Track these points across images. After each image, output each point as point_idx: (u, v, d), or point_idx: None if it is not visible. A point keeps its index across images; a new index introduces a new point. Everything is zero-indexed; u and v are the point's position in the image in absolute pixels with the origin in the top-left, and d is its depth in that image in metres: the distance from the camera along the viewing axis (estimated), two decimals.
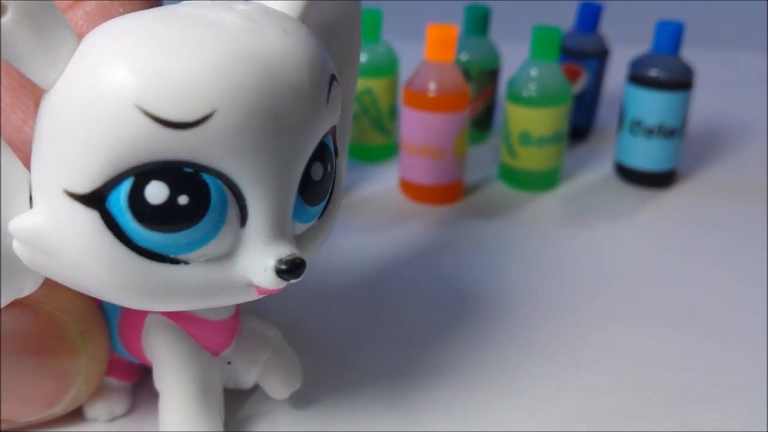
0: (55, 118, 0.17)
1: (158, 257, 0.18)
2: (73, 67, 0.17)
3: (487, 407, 0.27)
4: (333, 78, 0.19)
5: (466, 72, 0.49)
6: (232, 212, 0.18)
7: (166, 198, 0.17)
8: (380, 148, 0.49)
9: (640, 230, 0.41)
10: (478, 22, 0.50)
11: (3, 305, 0.18)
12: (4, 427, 0.24)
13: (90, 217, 0.17)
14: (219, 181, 0.17)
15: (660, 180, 0.46)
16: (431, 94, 0.40)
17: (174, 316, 0.23)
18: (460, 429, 0.26)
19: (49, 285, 0.20)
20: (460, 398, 0.27)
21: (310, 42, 0.18)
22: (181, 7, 0.18)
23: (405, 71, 0.47)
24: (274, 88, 0.17)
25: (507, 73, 0.49)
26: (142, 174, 0.17)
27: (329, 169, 0.20)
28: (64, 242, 0.17)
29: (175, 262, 0.18)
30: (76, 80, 0.16)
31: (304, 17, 0.20)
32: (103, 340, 0.24)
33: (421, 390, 0.28)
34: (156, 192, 0.17)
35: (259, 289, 0.19)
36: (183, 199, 0.17)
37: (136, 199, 0.17)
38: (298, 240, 0.20)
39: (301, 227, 0.20)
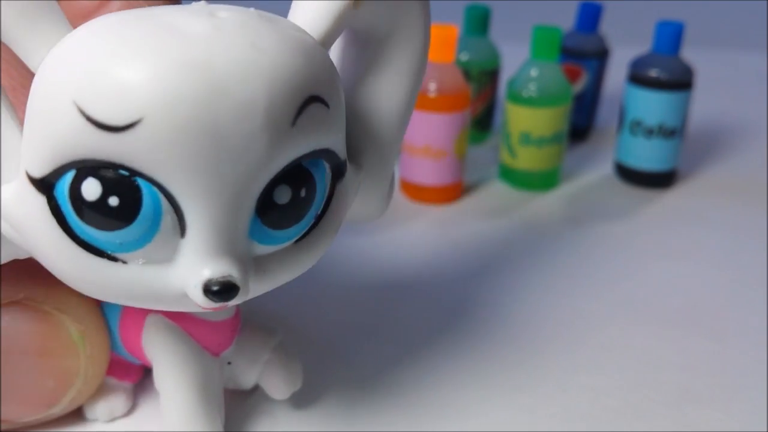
0: (28, 104, 0.17)
1: (96, 251, 0.18)
2: (45, 58, 0.17)
3: (486, 407, 0.27)
4: (311, 99, 0.18)
5: (467, 72, 0.49)
6: (169, 221, 0.17)
7: (98, 196, 0.17)
8: None
9: (640, 230, 0.41)
10: (479, 22, 0.50)
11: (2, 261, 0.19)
12: (3, 427, 0.24)
13: (40, 201, 0.17)
14: (154, 188, 0.17)
15: (660, 180, 0.46)
16: (432, 95, 0.40)
17: (174, 316, 0.23)
18: (460, 429, 0.26)
19: (49, 285, 0.21)
20: (460, 398, 0.27)
21: (282, 60, 0.17)
22: (160, 10, 0.18)
23: None
24: (216, 103, 0.16)
25: (507, 73, 0.49)
26: (82, 169, 0.17)
27: (304, 193, 0.19)
28: (23, 220, 0.18)
29: (113, 259, 0.18)
30: (41, 70, 0.17)
31: (338, 26, 0.19)
32: (103, 340, 0.24)
33: (421, 390, 0.28)
34: (90, 189, 0.17)
35: (196, 303, 0.19)
36: (113, 200, 0.17)
37: (75, 192, 0.17)
38: (261, 261, 0.19)
39: (264, 248, 0.19)
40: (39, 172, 0.17)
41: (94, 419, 0.25)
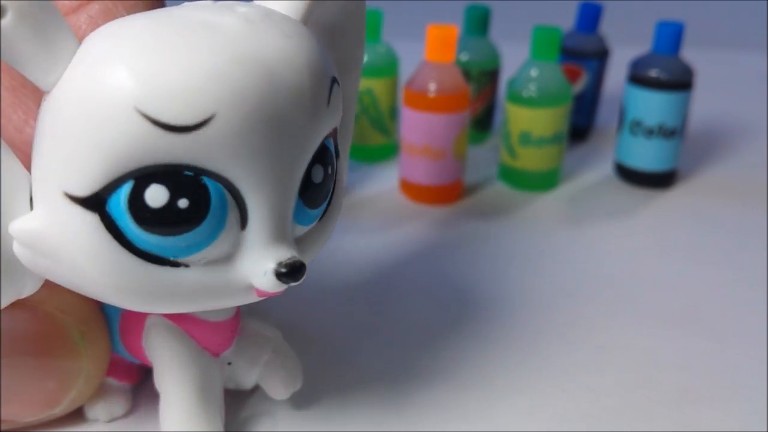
0: (55, 120, 0.17)
1: (158, 260, 0.18)
2: (72, 70, 0.17)
3: (487, 407, 0.27)
4: (334, 80, 0.19)
5: (466, 72, 0.49)
6: (232, 215, 0.18)
7: (166, 201, 0.17)
8: (380, 148, 0.49)
9: (640, 230, 0.41)
10: (478, 23, 0.50)
11: (3, 306, 0.18)
12: (4, 427, 0.24)
13: (90, 219, 0.17)
14: (219, 185, 0.17)
15: (660, 180, 0.46)
16: (431, 95, 0.40)
17: (174, 317, 0.23)
18: (460, 429, 0.26)
19: (50, 286, 0.20)
20: (460, 398, 0.27)
21: (310, 45, 0.18)
22: (180, 9, 0.18)
23: (405, 71, 0.47)
24: (275, 91, 0.17)
25: (507, 73, 0.49)
26: (142, 177, 0.17)
27: (330, 171, 0.20)
28: (63, 245, 0.17)
29: (175, 264, 0.18)
30: (76, 83, 0.16)
31: (307, 19, 0.20)
32: (104, 341, 0.24)
33: (421, 390, 0.28)
34: (156, 195, 0.17)
35: (259, 292, 0.19)
36: (183, 203, 0.17)
37: (136, 202, 0.17)
38: (299, 242, 0.20)
39: (301, 230, 0.20)
40: (87, 190, 0.17)
41: (95, 419, 0.25)
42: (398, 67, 0.48)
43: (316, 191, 0.19)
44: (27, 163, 0.18)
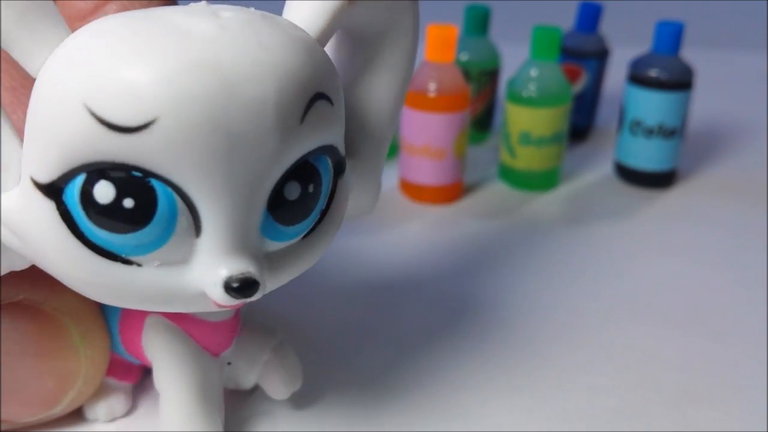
0: (30, 108, 0.17)
1: (109, 255, 0.18)
2: (48, 60, 0.17)
3: (486, 407, 0.27)
4: (317, 97, 0.18)
5: (466, 72, 0.49)
6: (184, 221, 0.17)
7: (113, 199, 0.17)
8: None
9: (639, 230, 0.41)
10: (478, 22, 0.50)
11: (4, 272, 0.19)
12: (4, 427, 0.24)
13: (48, 207, 0.17)
14: (169, 189, 0.17)
15: (660, 180, 0.46)
16: (431, 95, 0.40)
17: (174, 316, 0.23)
18: (460, 429, 0.26)
19: (50, 286, 0.20)
20: (460, 398, 0.27)
21: (290, 59, 0.18)
22: (163, 10, 0.18)
23: None
24: (228, 102, 0.16)
25: (507, 73, 0.49)
26: (93, 172, 0.17)
27: (312, 189, 0.19)
28: (28, 227, 0.18)
29: (127, 262, 0.18)
30: (45, 73, 0.17)
31: (337, 20, 0.19)
32: (104, 341, 0.24)
33: (420, 390, 0.28)
34: (103, 191, 0.17)
35: (215, 302, 0.19)
36: (128, 202, 0.17)
37: (86, 196, 0.17)
38: (272, 257, 0.19)
39: (275, 245, 0.19)
40: (46, 177, 0.17)
41: (95, 419, 0.25)
42: None
43: (290, 208, 0.19)
44: None
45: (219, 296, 0.18)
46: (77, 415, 0.25)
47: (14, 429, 0.24)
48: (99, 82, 0.16)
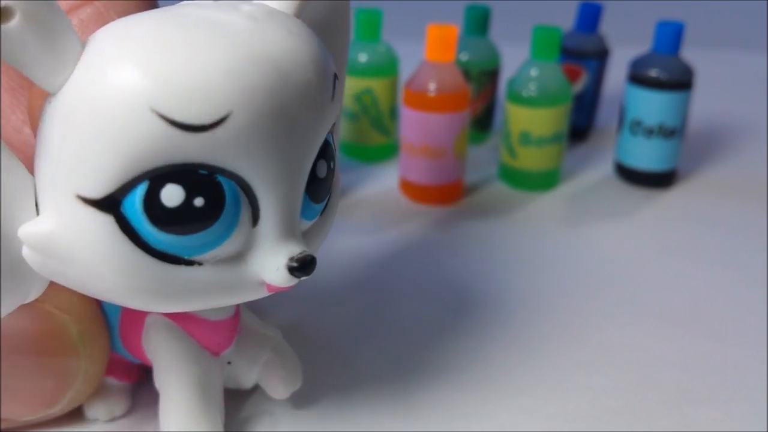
0: (65, 123, 0.16)
1: (173, 259, 0.18)
2: (82, 71, 0.16)
3: (486, 407, 0.27)
4: (335, 75, 0.20)
5: (466, 72, 0.49)
6: (245, 213, 0.18)
7: (182, 200, 0.17)
8: (380, 148, 0.49)
9: (640, 230, 0.41)
10: (478, 22, 0.50)
11: (8, 312, 0.18)
12: (3, 426, 0.24)
13: (104, 221, 0.17)
14: (233, 183, 0.17)
15: (660, 180, 0.46)
16: (431, 94, 0.40)
17: (174, 316, 0.23)
18: (460, 429, 0.26)
19: (50, 285, 0.20)
20: (460, 398, 0.27)
21: (314, 42, 0.19)
22: (183, 8, 0.18)
23: (405, 71, 0.47)
24: (284, 88, 0.17)
25: (507, 73, 0.49)
26: (158, 177, 0.17)
27: (332, 166, 0.20)
28: (77, 248, 0.17)
29: (189, 263, 0.18)
30: (87, 84, 0.16)
31: (299, 16, 0.20)
32: (103, 340, 0.24)
33: (420, 390, 0.28)
34: (172, 195, 0.17)
35: (270, 287, 0.19)
36: (199, 201, 0.17)
37: (152, 202, 0.17)
38: (305, 237, 0.20)
39: (306, 224, 0.20)
40: (101, 192, 0.17)
41: (94, 419, 0.25)
42: (398, 66, 0.48)
43: (320, 186, 0.20)
44: (27, 164, 0.18)
45: (282, 279, 0.19)
46: (77, 414, 0.25)
47: (13, 428, 0.24)
48: (164, 84, 0.16)
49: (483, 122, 0.52)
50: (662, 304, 0.34)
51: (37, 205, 0.18)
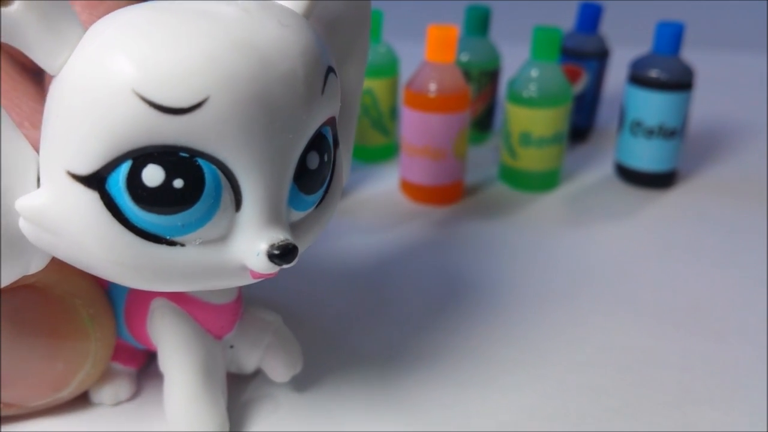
0: (60, 103, 0.17)
1: (155, 238, 0.18)
2: (77, 55, 0.17)
3: (487, 407, 0.27)
4: (330, 70, 0.20)
5: (467, 72, 0.49)
6: (227, 197, 0.18)
7: (162, 181, 0.17)
8: (380, 148, 0.49)
9: (640, 231, 0.41)
10: (479, 23, 0.50)
11: (9, 282, 0.19)
12: (12, 411, 0.24)
13: (90, 197, 0.17)
14: (213, 166, 0.18)
15: (660, 180, 0.46)
16: (432, 95, 0.40)
17: (178, 299, 0.24)
18: (460, 429, 0.26)
19: (60, 269, 0.21)
20: (460, 397, 0.27)
21: (306, 34, 0.19)
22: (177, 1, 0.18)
23: (405, 72, 0.47)
24: (267, 77, 0.17)
25: (507, 73, 0.49)
26: (140, 157, 0.17)
27: (326, 158, 0.20)
28: (66, 221, 0.18)
29: (171, 243, 0.18)
30: (79, 67, 0.17)
31: (309, 13, 0.20)
32: (111, 324, 0.25)
33: (420, 389, 0.28)
34: (152, 175, 0.17)
35: (254, 273, 0.19)
36: (178, 183, 0.17)
37: (134, 181, 0.17)
38: (295, 227, 0.20)
39: (297, 215, 0.20)
40: (87, 169, 0.17)
41: (100, 403, 0.26)
42: (398, 67, 0.48)
43: (311, 177, 0.20)
44: (35, 145, 0.19)
45: (262, 265, 0.19)
46: (82, 399, 0.26)
47: (21, 413, 0.25)
48: (147, 67, 0.17)
49: (483, 123, 0.52)
50: (663, 304, 0.34)
51: (39, 180, 0.18)
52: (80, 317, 0.24)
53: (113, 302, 0.25)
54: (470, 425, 0.26)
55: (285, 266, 0.19)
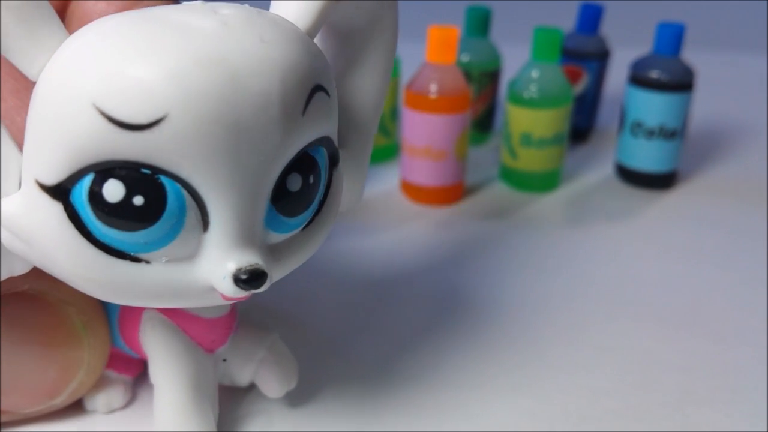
0: (32, 109, 0.17)
1: (118, 254, 0.18)
2: (51, 61, 0.17)
3: (486, 408, 0.27)
4: (316, 89, 0.19)
5: (467, 73, 0.49)
6: (192, 217, 0.18)
7: (122, 197, 0.17)
8: (381, 149, 0.49)
9: (640, 231, 0.41)
10: (479, 24, 0.50)
11: None
12: (5, 418, 0.24)
13: (55, 208, 0.17)
14: (177, 185, 0.17)
15: (661, 181, 0.46)
16: (432, 96, 0.40)
17: (169, 312, 0.23)
18: (460, 429, 0.26)
19: (53, 277, 0.21)
20: (460, 399, 0.27)
21: (290, 51, 0.18)
22: (164, 9, 0.18)
23: (406, 72, 0.47)
24: (236, 96, 0.17)
25: (508, 74, 0.49)
26: (101, 171, 0.17)
27: (312, 180, 0.19)
28: (33, 230, 0.18)
29: (135, 260, 0.18)
30: (50, 75, 0.17)
31: (321, 20, 0.20)
32: (105, 332, 0.25)
33: (420, 390, 0.28)
34: (113, 190, 0.17)
35: (223, 296, 0.19)
36: (138, 200, 0.17)
37: (95, 195, 0.17)
38: (275, 249, 0.20)
39: (277, 237, 0.20)
40: (52, 179, 0.17)
41: (93, 410, 0.25)
42: (399, 68, 0.48)
43: (293, 200, 0.19)
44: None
45: (228, 289, 0.18)
46: (76, 406, 0.25)
47: (14, 421, 0.24)
48: (107, 82, 0.16)
49: (484, 123, 0.52)
50: (663, 305, 0.34)
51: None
52: (73, 325, 0.24)
53: (107, 310, 0.25)
54: (471, 426, 0.26)
55: (254, 291, 0.19)
